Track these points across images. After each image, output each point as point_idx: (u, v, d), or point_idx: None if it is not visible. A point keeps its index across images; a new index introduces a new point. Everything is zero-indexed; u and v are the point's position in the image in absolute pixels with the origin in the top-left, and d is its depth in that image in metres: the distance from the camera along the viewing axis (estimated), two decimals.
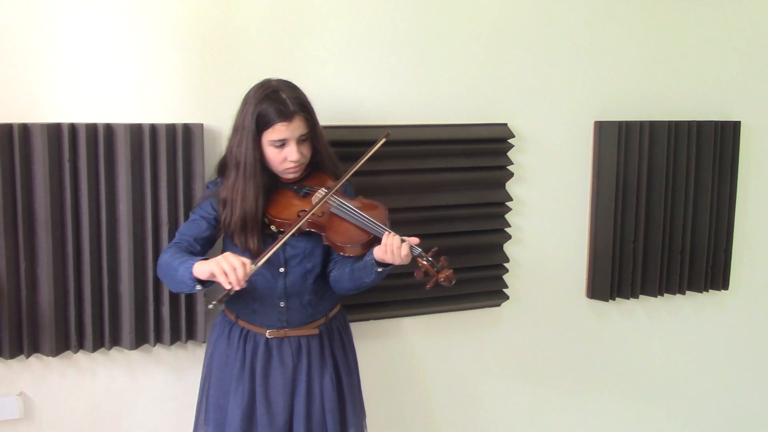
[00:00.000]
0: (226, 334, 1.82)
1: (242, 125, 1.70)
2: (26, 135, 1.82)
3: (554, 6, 2.31)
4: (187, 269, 1.57)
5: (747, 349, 2.81)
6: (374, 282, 1.73)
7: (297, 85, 1.75)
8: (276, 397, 1.76)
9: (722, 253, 2.61)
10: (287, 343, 1.79)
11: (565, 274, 2.49)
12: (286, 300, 1.77)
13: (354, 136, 2.08)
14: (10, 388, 1.97)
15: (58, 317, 1.89)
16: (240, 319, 1.81)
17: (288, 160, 1.71)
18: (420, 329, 2.33)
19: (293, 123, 1.68)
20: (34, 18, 1.84)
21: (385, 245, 1.62)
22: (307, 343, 1.80)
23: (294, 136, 1.69)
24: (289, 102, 1.68)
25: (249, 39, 2.01)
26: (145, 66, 1.94)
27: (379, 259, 1.67)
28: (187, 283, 1.57)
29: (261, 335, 1.78)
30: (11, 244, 1.83)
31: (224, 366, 1.81)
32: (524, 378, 2.51)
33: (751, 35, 2.59)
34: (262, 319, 1.78)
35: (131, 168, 1.89)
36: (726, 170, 2.56)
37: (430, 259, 1.64)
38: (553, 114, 2.37)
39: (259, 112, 1.67)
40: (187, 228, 1.76)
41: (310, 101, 1.74)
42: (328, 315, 1.86)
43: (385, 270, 1.70)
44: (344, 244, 1.68)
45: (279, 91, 1.69)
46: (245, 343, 1.79)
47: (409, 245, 1.62)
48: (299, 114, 1.68)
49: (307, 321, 1.80)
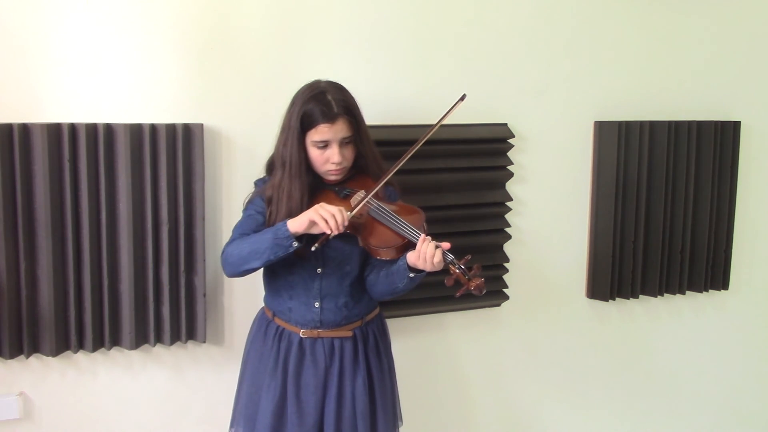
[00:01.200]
0: (263, 330, 1.84)
1: (288, 125, 1.71)
2: (26, 135, 1.82)
3: (554, 6, 2.31)
4: (279, 230, 1.62)
5: (747, 349, 2.81)
6: (407, 287, 1.70)
7: (345, 87, 1.74)
8: (307, 396, 1.76)
9: (722, 253, 2.61)
10: (320, 343, 1.78)
11: (565, 274, 2.49)
12: (321, 300, 1.77)
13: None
14: (10, 388, 1.97)
15: (58, 317, 1.89)
16: (276, 317, 1.82)
17: (330, 162, 1.71)
18: (420, 329, 2.33)
19: (336, 125, 1.68)
20: (34, 18, 1.84)
21: (419, 252, 1.59)
22: (341, 345, 1.79)
23: (336, 138, 1.69)
24: (334, 104, 1.68)
25: (249, 39, 2.01)
26: (145, 66, 1.94)
27: (411, 265, 1.64)
28: (285, 243, 1.61)
29: (295, 334, 1.79)
30: (11, 244, 1.83)
31: (259, 362, 1.82)
32: (524, 378, 2.51)
33: (751, 35, 2.59)
34: (296, 318, 1.78)
35: (131, 168, 1.89)
36: (726, 170, 2.56)
37: (462, 267, 1.60)
38: (553, 114, 2.37)
39: (304, 112, 1.68)
40: (245, 223, 1.76)
41: (357, 104, 1.74)
42: (364, 318, 1.85)
43: (418, 276, 1.67)
44: (378, 247, 1.67)
45: (326, 92, 1.69)
46: (280, 341, 1.79)
47: (442, 252, 1.59)
48: (343, 117, 1.68)
49: (341, 323, 1.80)
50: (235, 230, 1.78)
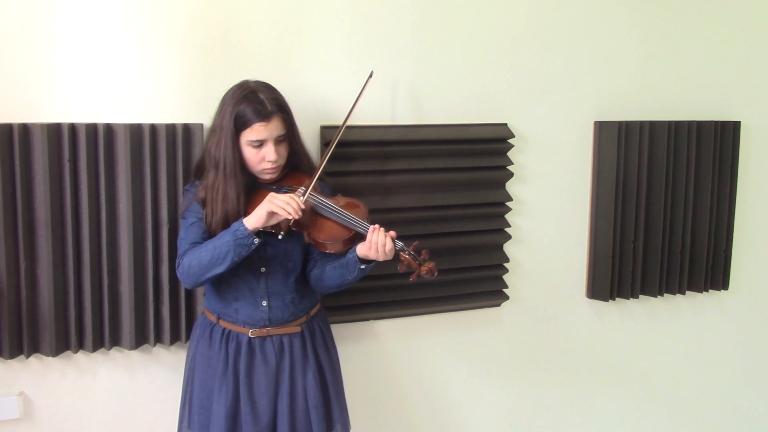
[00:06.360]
0: (208, 335, 1.83)
1: (221, 126, 1.72)
2: (26, 135, 1.82)
3: (554, 6, 2.31)
4: (237, 231, 1.63)
5: (747, 349, 2.81)
6: (356, 279, 1.75)
7: (277, 86, 1.77)
8: (260, 396, 1.77)
9: (722, 253, 2.61)
10: (270, 342, 1.80)
11: (565, 274, 2.49)
12: (268, 299, 1.78)
13: (353, 136, 2.07)
14: (10, 388, 1.97)
15: (58, 317, 1.89)
16: (222, 320, 1.82)
17: (266, 161, 1.73)
18: (420, 329, 2.33)
19: (271, 123, 1.69)
20: (34, 18, 1.84)
21: (370, 242, 1.65)
22: (290, 342, 1.81)
23: (272, 136, 1.71)
24: (267, 102, 1.69)
25: (249, 39, 2.01)
26: (145, 66, 1.94)
27: (362, 256, 1.69)
28: (246, 242, 1.63)
29: (243, 335, 1.79)
30: (11, 244, 1.83)
31: (207, 367, 1.81)
32: (524, 378, 2.51)
33: (751, 35, 2.59)
34: (244, 318, 1.79)
35: (131, 168, 1.89)
36: (726, 170, 2.56)
37: (412, 252, 1.67)
38: (553, 114, 2.37)
39: (237, 113, 1.69)
40: (191, 232, 1.76)
41: (287, 102, 1.76)
42: (309, 313, 1.87)
43: (368, 267, 1.73)
44: (326, 241, 1.71)
45: (257, 92, 1.71)
46: (227, 344, 1.79)
47: (392, 240, 1.66)
48: (277, 114, 1.70)
49: (289, 320, 1.82)
50: (181, 242, 1.77)
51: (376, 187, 2.14)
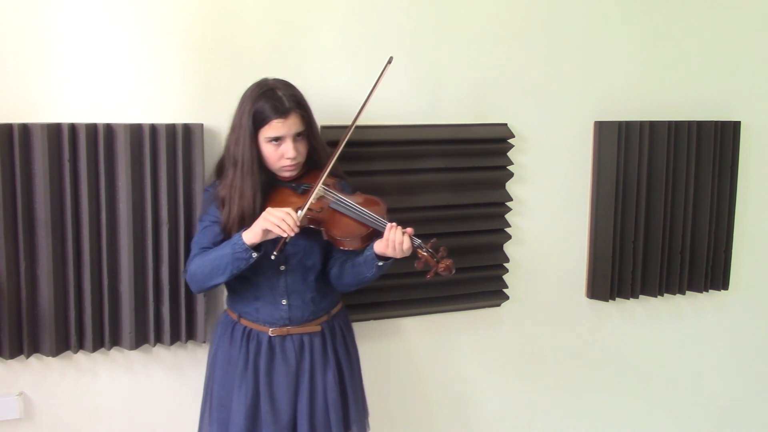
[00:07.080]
0: (229, 333, 1.83)
1: (239, 124, 1.72)
2: (26, 135, 1.82)
3: (554, 6, 2.31)
4: (236, 244, 1.62)
5: (747, 349, 2.81)
6: (375, 276, 1.74)
7: (294, 84, 1.76)
8: (280, 395, 1.77)
9: (722, 253, 2.61)
10: (290, 341, 1.80)
11: (565, 274, 2.49)
12: (288, 297, 1.78)
13: (355, 136, 2.06)
14: (10, 388, 1.97)
15: (58, 317, 1.89)
16: (243, 318, 1.82)
17: (284, 158, 1.72)
18: (420, 329, 2.33)
19: (289, 120, 1.69)
20: (34, 18, 1.84)
21: (387, 240, 1.64)
22: (310, 341, 1.81)
23: (290, 133, 1.70)
24: (285, 99, 1.69)
25: (249, 39, 2.01)
26: (145, 66, 1.94)
27: (379, 253, 1.68)
28: (243, 256, 1.63)
29: (264, 333, 1.79)
30: (11, 244, 1.83)
31: (227, 365, 1.81)
32: (524, 378, 2.51)
33: (751, 35, 2.59)
34: (264, 317, 1.79)
35: (131, 168, 1.89)
36: (726, 170, 2.56)
37: (430, 250, 1.66)
38: (553, 114, 2.37)
39: (255, 110, 1.69)
40: (203, 236, 1.77)
41: (306, 99, 1.75)
42: (330, 312, 1.87)
43: (386, 264, 1.72)
44: (343, 238, 1.70)
45: (275, 89, 1.71)
46: (248, 342, 1.79)
47: (409, 237, 1.64)
48: (295, 111, 1.70)
49: (309, 318, 1.81)
50: (194, 245, 1.79)
51: (376, 187, 2.14)
